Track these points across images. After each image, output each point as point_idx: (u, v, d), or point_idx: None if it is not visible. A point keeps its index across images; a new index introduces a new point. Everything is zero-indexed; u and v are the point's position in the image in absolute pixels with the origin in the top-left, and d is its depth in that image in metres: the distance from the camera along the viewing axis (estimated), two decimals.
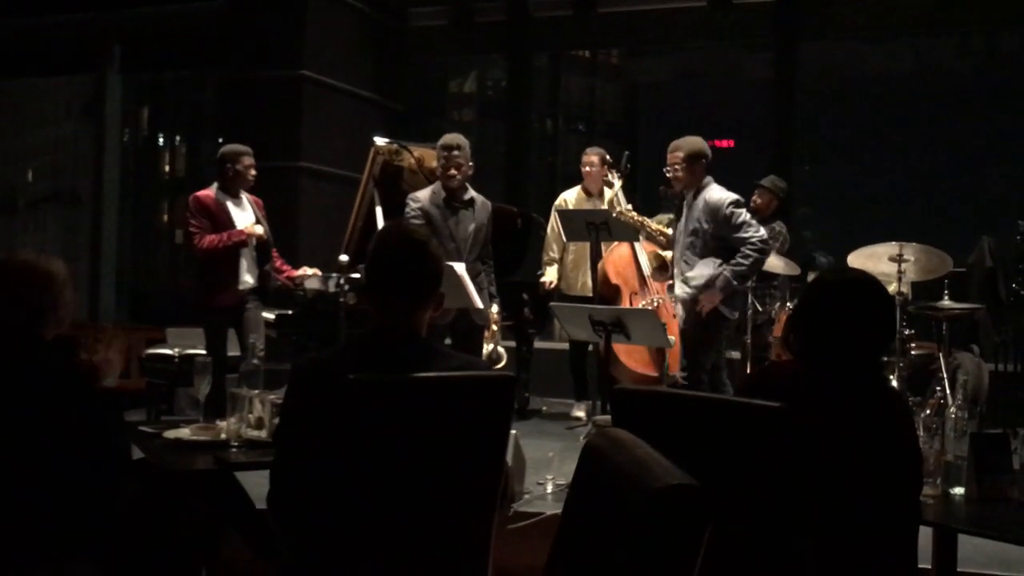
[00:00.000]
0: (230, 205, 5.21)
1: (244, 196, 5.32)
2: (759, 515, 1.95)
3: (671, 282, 5.91)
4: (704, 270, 4.70)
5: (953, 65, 9.38)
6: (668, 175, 4.86)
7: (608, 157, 6.11)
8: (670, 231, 5.19)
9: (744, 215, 4.69)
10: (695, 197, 4.79)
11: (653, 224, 5.71)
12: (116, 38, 9.64)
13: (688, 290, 4.76)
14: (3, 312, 2.48)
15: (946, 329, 5.57)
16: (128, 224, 10.30)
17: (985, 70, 9.02)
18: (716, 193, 4.72)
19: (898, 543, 2.12)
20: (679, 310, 4.88)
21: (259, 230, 5.20)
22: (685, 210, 4.85)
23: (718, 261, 4.68)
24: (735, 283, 4.65)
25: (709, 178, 4.82)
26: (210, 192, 5.21)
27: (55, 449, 2.35)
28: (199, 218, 5.13)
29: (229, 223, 5.15)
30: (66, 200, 10.96)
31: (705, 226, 4.71)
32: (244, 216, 5.26)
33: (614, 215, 5.51)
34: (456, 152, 5.01)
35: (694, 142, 4.83)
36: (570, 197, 6.30)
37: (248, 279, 5.21)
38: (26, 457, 2.33)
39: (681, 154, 4.78)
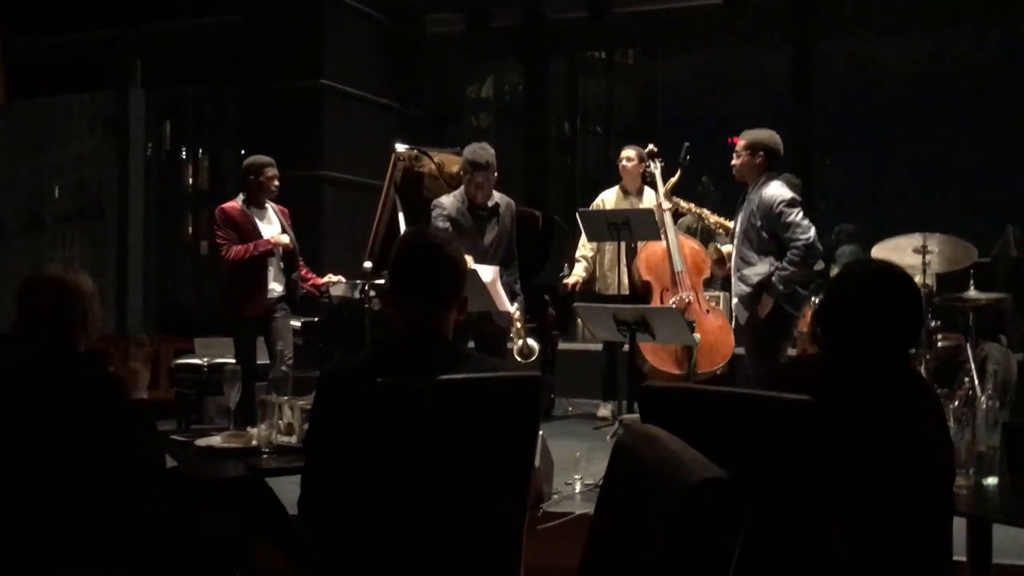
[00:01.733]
0: (256, 216, 5.27)
1: (269, 206, 5.37)
2: (791, 509, 1.94)
3: (709, 275, 5.91)
4: (760, 269, 4.65)
5: (971, 56, 9.29)
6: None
7: (654, 148, 6.10)
8: (731, 224, 5.15)
9: (794, 215, 4.58)
10: (754, 192, 4.72)
11: (713, 217, 5.70)
12: (137, 54, 9.75)
13: (744, 288, 4.70)
14: (34, 326, 2.52)
15: (972, 320, 5.53)
16: (153, 237, 10.40)
17: (1002, 60, 8.94)
18: (771, 190, 4.65)
19: (932, 535, 2.11)
20: (737, 308, 4.82)
21: (285, 239, 5.25)
22: (744, 205, 4.78)
23: (773, 259, 4.62)
24: (781, 288, 4.57)
25: (772, 174, 4.74)
26: (236, 204, 5.26)
27: (89, 460, 2.38)
28: (226, 229, 5.18)
29: (255, 233, 5.20)
30: (92, 215, 11.07)
31: (758, 222, 4.65)
32: (270, 226, 5.31)
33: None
34: (482, 173, 4.95)
35: (759, 133, 4.77)
36: (609, 197, 6.28)
37: (276, 288, 5.27)
38: (60, 468, 2.36)
39: (743, 141, 4.74)
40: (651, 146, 6.16)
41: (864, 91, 9.58)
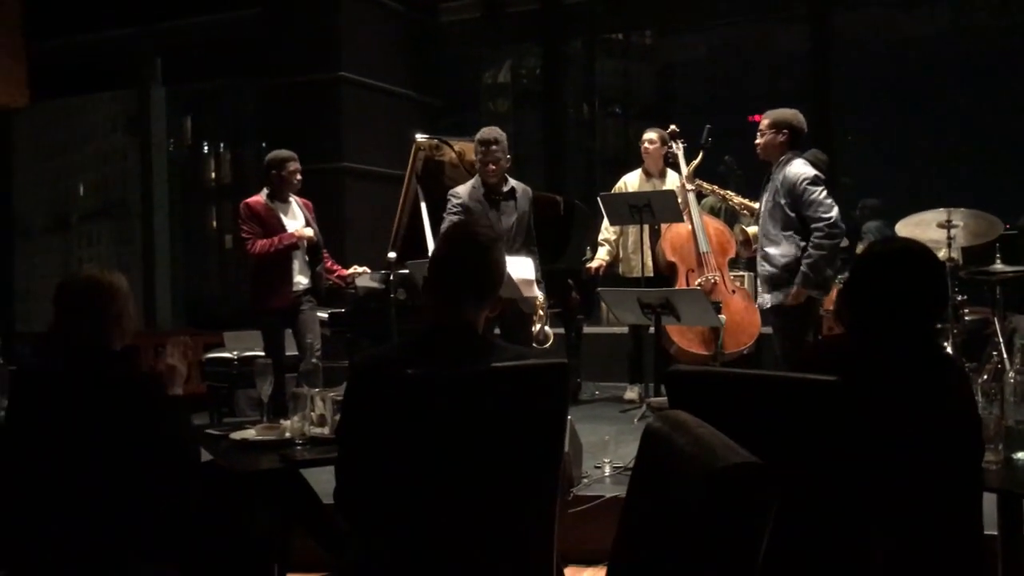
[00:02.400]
0: (280, 210, 5.31)
1: (293, 199, 5.41)
2: (820, 491, 1.95)
3: (734, 255, 5.90)
4: (785, 250, 4.62)
5: (990, 23, 9.16)
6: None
7: (676, 128, 6.09)
8: (755, 205, 5.14)
9: (817, 194, 4.56)
10: (778, 171, 4.71)
11: (737, 198, 5.69)
12: (157, 52, 9.82)
13: (769, 268, 4.69)
14: (72, 326, 2.57)
15: (999, 293, 5.49)
16: (178, 232, 10.49)
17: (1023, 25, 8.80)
18: (795, 168, 4.63)
19: (963, 511, 2.12)
20: (762, 290, 4.79)
21: (309, 232, 5.29)
22: (769, 184, 4.77)
23: (796, 237, 4.60)
24: (812, 275, 4.54)
25: (796, 152, 4.73)
26: (260, 198, 5.31)
27: (127, 457, 2.43)
28: (250, 224, 5.23)
29: (279, 227, 5.25)
30: (116, 212, 11.17)
31: (783, 200, 4.63)
32: (294, 220, 5.36)
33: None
34: (494, 147, 5.04)
35: (782, 112, 4.77)
36: (631, 180, 6.27)
37: (301, 280, 5.32)
38: (99, 466, 2.41)
39: (767, 120, 4.75)
40: (672, 127, 6.15)
41: (884, 63, 9.47)
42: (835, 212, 4.59)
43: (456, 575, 2.08)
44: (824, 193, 4.60)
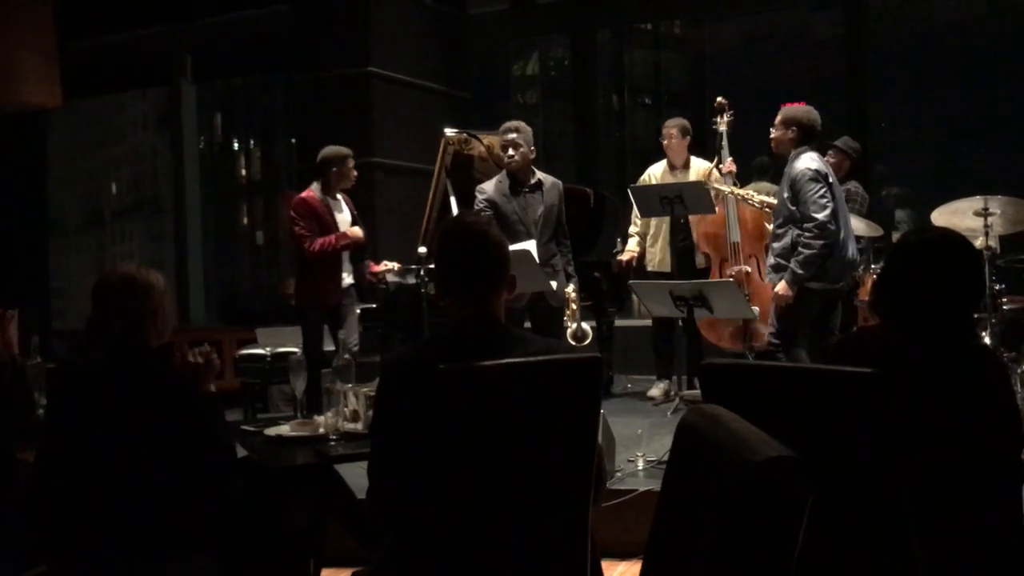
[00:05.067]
0: (331, 206, 5.33)
1: (339, 195, 5.43)
2: (857, 483, 1.94)
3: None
4: (784, 242, 4.66)
5: None
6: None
7: (723, 101, 6.03)
8: (775, 201, 5.13)
9: (813, 192, 4.52)
10: (788, 166, 4.72)
11: (757, 196, 5.65)
12: (187, 49, 9.91)
13: (771, 261, 4.73)
14: (108, 323, 2.59)
15: None
16: (210, 229, 10.57)
17: None
18: (800, 163, 4.63)
19: (1001, 503, 2.10)
20: (772, 280, 4.82)
21: (360, 233, 5.30)
22: (782, 179, 4.79)
23: (795, 232, 4.60)
24: (801, 272, 4.54)
25: (807, 148, 4.70)
26: (314, 194, 5.30)
27: (165, 452, 2.45)
28: (308, 221, 5.20)
29: (333, 224, 5.25)
30: (149, 209, 11.30)
31: (785, 194, 4.66)
32: (343, 216, 5.38)
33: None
34: (514, 135, 5.02)
35: (794, 108, 4.78)
36: (656, 172, 6.23)
37: (346, 277, 5.33)
38: (138, 461, 2.44)
39: (779, 117, 4.77)
40: (720, 99, 6.01)
41: (919, 48, 9.34)
42: (825, 213, 4.54)
43: (491, 570, 2.08)
44: (820, 192, 4.54)
